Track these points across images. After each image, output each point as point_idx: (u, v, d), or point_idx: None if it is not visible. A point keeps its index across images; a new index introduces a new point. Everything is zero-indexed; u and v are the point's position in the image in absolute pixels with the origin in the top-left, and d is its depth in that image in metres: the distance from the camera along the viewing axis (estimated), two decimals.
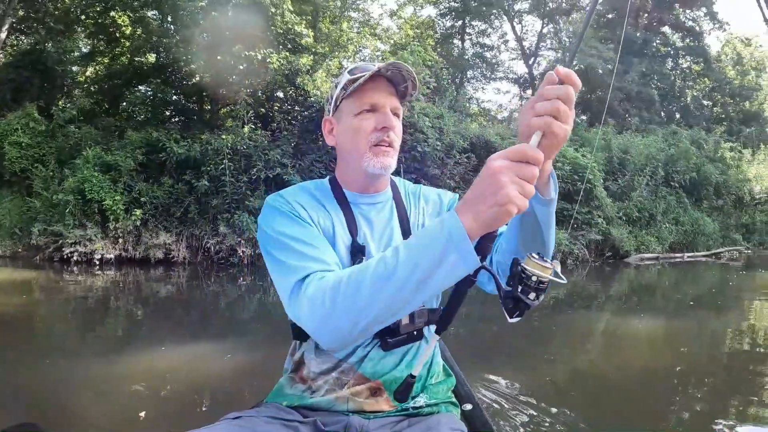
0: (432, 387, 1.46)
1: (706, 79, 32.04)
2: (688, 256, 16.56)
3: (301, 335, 1.40)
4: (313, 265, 1.20)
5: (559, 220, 13.98)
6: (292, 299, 1.18)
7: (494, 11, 29.54)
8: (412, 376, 1.28)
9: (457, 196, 1.56)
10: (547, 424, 3.26)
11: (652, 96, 26.57)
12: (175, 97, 16.08)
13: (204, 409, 3.56)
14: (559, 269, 1.07)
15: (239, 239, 12.12)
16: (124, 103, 16.48)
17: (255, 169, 12.34)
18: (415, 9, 23.17)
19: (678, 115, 29.97)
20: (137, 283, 10.01)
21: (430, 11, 27.53)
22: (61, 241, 11.70)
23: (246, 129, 12.94)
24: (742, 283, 11.60)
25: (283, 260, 1.24)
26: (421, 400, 1.42)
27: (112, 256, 11.90)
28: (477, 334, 5.97)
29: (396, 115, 1.41)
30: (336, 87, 1.43)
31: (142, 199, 12.26)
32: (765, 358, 5.12)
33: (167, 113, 16.39)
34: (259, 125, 13.46)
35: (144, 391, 3.79)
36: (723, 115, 31.26)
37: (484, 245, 1.06)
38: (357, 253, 1.36)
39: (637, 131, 21.14)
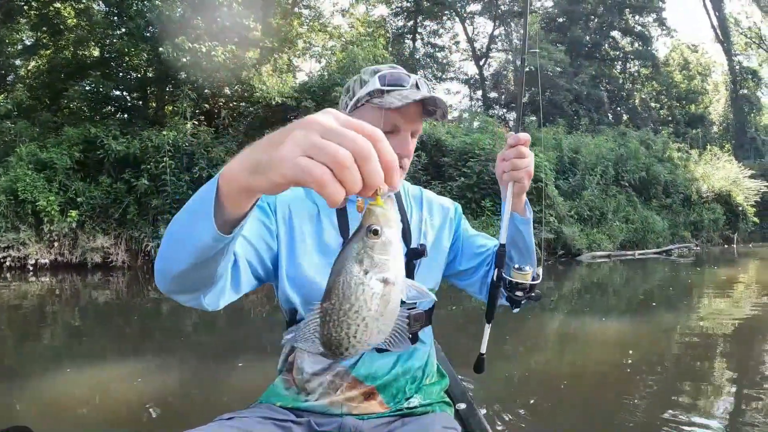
0: (426, 388, 1.46)
1: (654, 82, 32.98)
2: (639, 254, 16.73)
3: None
4: None
5: None
6: None
7: (446, 12, 29.87)
8: None
9: (459, 206, 1.66)
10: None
11: (601, 97, 27.15)
12: (117, 92, 15.46)
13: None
14: (540, 271, 1.49)
15: None
16: (65, 99, 15.74)
17: (197, 168, 11.93)
18: (367, 8, 23.07)
19: (626, 117, 30.73)
20: (75, 290, 9.59)
21: (382, 10, 27.56)
22: None
23: (189, 125, 12.47)
24: (694, 279, 11.74)
25: None
26: (415, 401, 1.42)
27: (47, 261, 11.37)
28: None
29: (414, 137, 1.37)
30: (359, 83, 1.37)
31: (78, 199, 11.70)
32: (713, 352, 5.19)
33: (110, 109, 15.74)
34: (203, 121, 13.01)
35: (85, 409, 3.56)
36: (670, 117, 32.16)
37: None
38: None
39: (587, 131, 21.48)
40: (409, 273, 1.37)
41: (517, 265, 1.45)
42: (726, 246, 21.14)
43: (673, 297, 9.01)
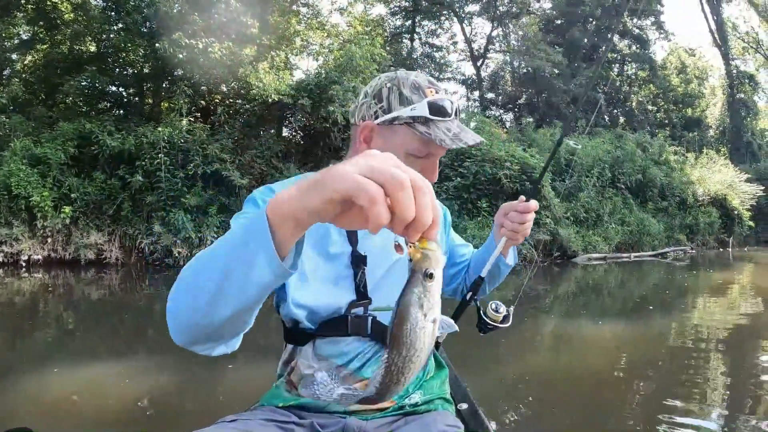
0: (426, 383, 1.44)
1: (651, 85, 33.03)
2: (635, 256, 16.74)
3: (295, 339, 1.33)
4: None
5: None
6: None
7: (444, 12, 29.76)
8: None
9: (447, 210, 1.63)
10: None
11: (598, 100, 27.09)
12: (113, 88, 15.36)
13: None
14: (511, 312, 1.62)
15: (175, 239, 11.60)
16: (60, 94, 15.63)
17: (192, 165, 11.86)
18: (365, 7, 23.00)
19: (622, 119, 30.71)
20: (68, 287, 9.53)
21: (380, 10, 27.48)
22: None
23: (184, 122, 12.40)
24: (690, 282, 11.74)
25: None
26: (416, 397, 1.38)
27: (40, 257, 11.29)
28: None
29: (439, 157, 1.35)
30: (396, 96, 1.28)
31: (72, 195, 11.60)
32: (708, 355, 5.18)
33: (106, 105, 15.66)
34: (199, 118, 12.94)
35: (77, 408, 3.48)
36: (666, 121, 32.21)
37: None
38: (358, 263, 1.30)
39: (584, 133, 21.45)
40: None
41: (494, 306, 1.60)
42: (721, 249, 21.17)
43: (668, 300, 9.00)
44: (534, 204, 1.46)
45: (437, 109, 1.25)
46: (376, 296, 1.31)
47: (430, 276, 0.66)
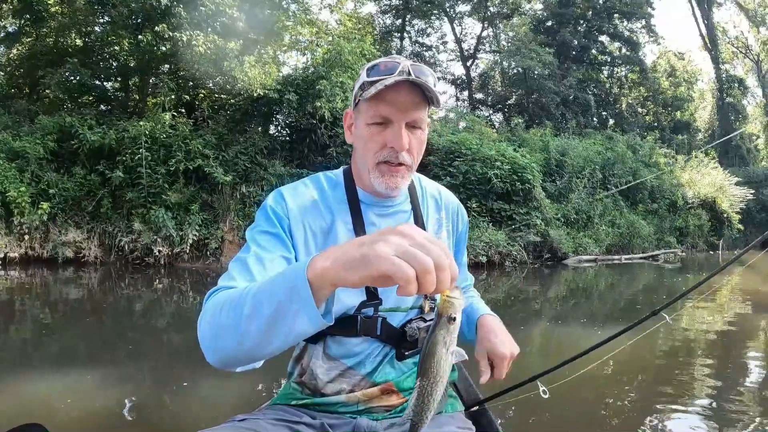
0: None
1: (641, 87, 33.08)
2: (626, 258, 16.66)
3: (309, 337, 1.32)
4: (240, 281, 1.15)
5: (497, 221, 13.87)
6: (203, 305, 1.12)
7: (435, 12, 29.80)
8: None
9: (465, 213, 1.61)
10: None
11: (588, 101, 27.13)
12: (98, 82, 14.99)
13: None
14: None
15: (155, 237, 11.34)
16: (41, 88, 15.24)
17: (174, 160, 11.59)
18: (355, 4, 22.89)
19: (612, 121, 30.77)
20: (45, 286, 9.35)
21: (370, 8, 27.43)
22: None
23: (167, 116, 12.07)
24: (680, 284, 11.64)
25: (232, 264, 1.22)
26: None
27: (16, 254, 11.05)
28: None
29: (416, 127, 1.28)
30: (359, 78, 1.32)
31: (51, 191, 11.32)
32: (697, 357, 5.25)
33: (90, 99, 15.25)
34: (183, 113, 12.64)
35: (53, 412, 3.32)
36: (655, 123, 32.33)
37: None
38: None
39: (574, 134, 21.46)
40: None
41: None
42: (711, 252, 21.18)
43: (659, 303, 8.83)
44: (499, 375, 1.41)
45: (371, 68, 1.25)
46: (387, 298, 1.31)
47: (453, 319, 0.84)
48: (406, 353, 1.32)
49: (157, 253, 11.28)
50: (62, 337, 5.80)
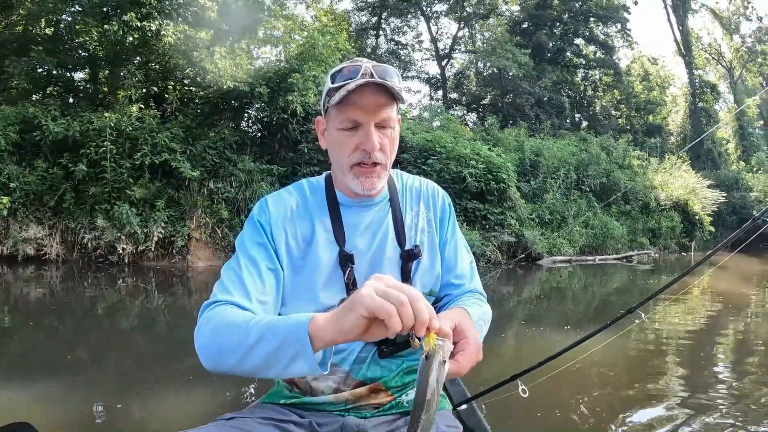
0: None
1: (615, 90, 33.45)
2: (600, 259, 16.70)
3: None
4: (236, 295, 1.22)
5: (471, 220, 13.72)
6: (201, 312, 1.20)
7: (411, 10, 29.86)
8: None
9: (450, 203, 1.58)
10: None
11: (563, 103, 27.30)
12: (66, 72, 14.47)
13: None
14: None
15: (119, 234, 10.95)
16: (5, 76, 14.67)
17: (140, 154, 11.19)
18: (331, 1, 22.73)
19: (586, 123, 31.05)
20: (5, 285, 9.06)
21: (346, 5, 27.38)
22: None
23: (134, 108, 11.66)
24: (653, 285, 11.60)
25: (225, 273, 1.28)
26: (413, 393, 1.35)
27: None
28: None
29: (386, 126, 1.31)
30: (326, 85, 1.36)
31: (11, 184, 10.84)
32: (669, 357, 5.34)
33: (57, 89, 14.70)
34: (152, 105, 12.23)
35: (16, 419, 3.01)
36: (629, 126, 32.69)
37: None
38: (345, 262, 1.36)
39: (549, 135, 21.54)
40: (406, 277, 1.39)
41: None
42: (683, 254, 21.36)
43: (633, 303, 8.76)
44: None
45: (335, 74, 1.29)
46: None
47: (443, 363, 0.90)
48: (385, 349, 1.33)
49: (120, 251, 10.90)
50: (22, 338, 5.59)
